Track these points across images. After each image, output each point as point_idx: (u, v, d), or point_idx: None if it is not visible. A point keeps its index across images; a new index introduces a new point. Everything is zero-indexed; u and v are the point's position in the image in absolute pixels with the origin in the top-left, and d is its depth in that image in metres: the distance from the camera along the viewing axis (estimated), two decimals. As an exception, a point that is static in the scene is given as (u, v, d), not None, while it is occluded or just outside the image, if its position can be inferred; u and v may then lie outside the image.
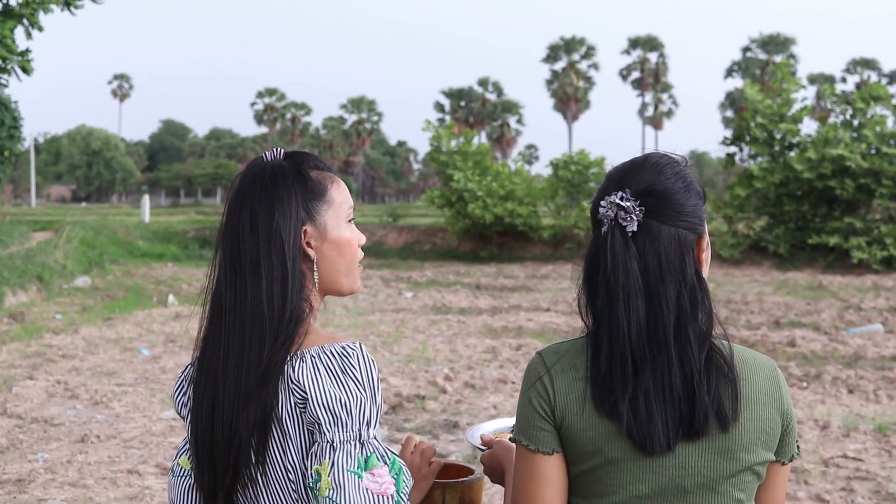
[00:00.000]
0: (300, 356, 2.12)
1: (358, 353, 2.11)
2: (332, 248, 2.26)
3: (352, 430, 2.06)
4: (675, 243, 2.15)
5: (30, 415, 10.01)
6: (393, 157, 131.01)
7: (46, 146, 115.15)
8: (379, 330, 15.76)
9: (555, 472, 2.15)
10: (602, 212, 2.16)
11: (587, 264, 2.21)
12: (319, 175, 2.28)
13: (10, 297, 20.09)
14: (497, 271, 29.49)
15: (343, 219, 2.28)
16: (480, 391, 11.08)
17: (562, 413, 2.13)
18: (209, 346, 2.22)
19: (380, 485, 2.04)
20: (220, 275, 2.22)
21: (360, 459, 2.04)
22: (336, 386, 2.06)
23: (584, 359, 2.15)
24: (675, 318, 2.11)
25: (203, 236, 38.76)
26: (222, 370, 2.15)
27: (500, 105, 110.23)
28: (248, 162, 2.35)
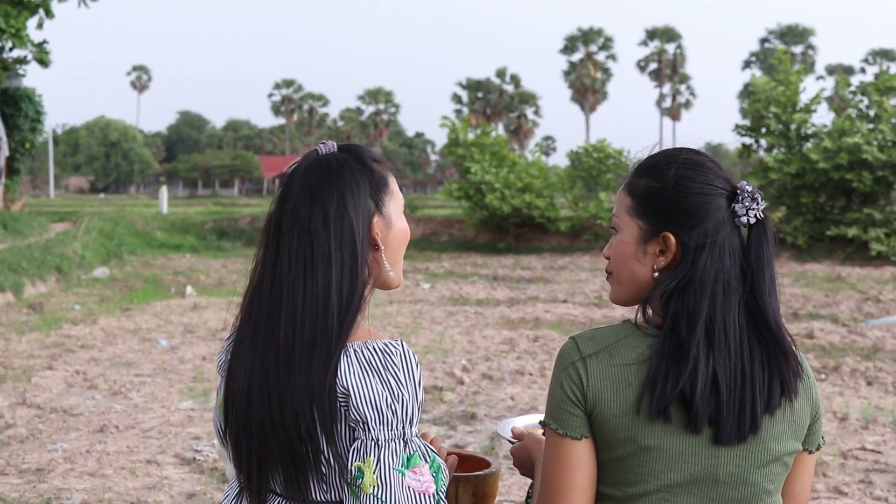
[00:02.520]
0: (344, 350, 2.14)
1: (400, 351, 2.13)
2: (395, 239, 2.29)
3: (396, 429, 2.08)
4: None
5: (49, 405, 10.05)
6: (410, 149, 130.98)
7: (65, 137, 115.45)
8: (396, 321, 15.77)
9: (583, 458, 2.15)
10: (740, 209, 2.20)
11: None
12: (378, 167, 2.31)
13: (29, 288, 20.17)
14: (514, 263, 29.45)
15: (401, 209, 2.33)
16: (498, 382, 11.08)
17: (594, 399, 2.13)
18: (258, 324, 2.21)
19: (421, 483, 2.06)
20: (288, 265, 2.20)
21: (403, 457, 2.06)
22: (380, 384, 2.08)
23: (622, 346, 2.15)
24: (758, 313, 2.18)
25: (220, 227, 38.84)
26: (277, 353, 2.15)
27: (518, 96, 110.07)
28: (303, 155, 2.36)
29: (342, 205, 2.19)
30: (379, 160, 2.33)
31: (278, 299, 2.18)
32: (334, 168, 2.24)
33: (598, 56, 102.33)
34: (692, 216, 2.19)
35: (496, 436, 8.73)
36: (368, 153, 2.32)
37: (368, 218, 2.22)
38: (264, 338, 2.19)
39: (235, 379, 2.24)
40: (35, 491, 7.25)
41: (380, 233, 2.25)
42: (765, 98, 32.01)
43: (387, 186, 2.29)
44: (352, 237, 2.18)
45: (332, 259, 2.16)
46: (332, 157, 2.28)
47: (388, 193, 2.28)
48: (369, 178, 2.25)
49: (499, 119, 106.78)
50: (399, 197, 2.33)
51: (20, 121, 35.57)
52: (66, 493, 7.20)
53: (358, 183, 2.23)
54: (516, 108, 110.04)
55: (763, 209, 2.19)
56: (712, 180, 2.22)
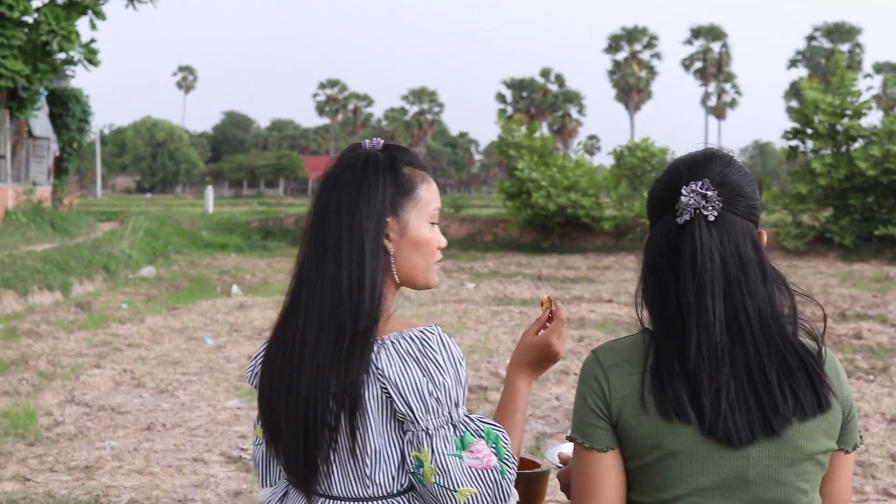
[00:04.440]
0: (381, 342, 2.15)
1: (436, 336, 2.15)
2: (409, 246, 2.29)
3: (443, 415, 2.10)
4: (748, 234, 2.16)
5: (97, 403, 10.13)
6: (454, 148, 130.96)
7: (112, 137, 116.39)
8: (441, 321, 15.76)
9: (611, 469, 2.16)
10: (685, 200, 2.15)
11: (656, 256, 2.19)
12: (412, 172, 2.31)
13: (76, 287, 20.35)
14: (559, 262, 29.36)
15: (426, 218, 2.31)
16: (542, 382, 11.05)
17: (618, 409, 2.13)
18: (288, 319, 2.26)
19: (480, 459, 2.09)
20: (307, 252, 2.27)
21: (456, 441, 2.09)
22: (420, 372, 2.10)
23: (640, 354, 2.15)
24: (757, 308, 2.10)
25: (266, 227, 38.98)
26: (299, 346, 2.19)
27: (562, 96, 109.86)
28: (347, 147, 2.39)
29: (356, 197, 2.22)
30: (416, 165, 2.33)
31: (299, 289, 2.25)
32: (361, 163, 2.27)
33: (642, 55, 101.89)
34: (649, 217, 2.28)
35: (541, 436, 8.73)
36: (406, 157, 2.33)
37: (382, 216, 2.23)
38: (288, 329, 2.24)
39: (265, 375, 2.28)
40: (83, 488, 7.31)
41: (392, 234, 2.26)
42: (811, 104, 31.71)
43: (411, 192, 2.29)
44: (360, 231, 2.20)
45: (342, 248, 2.20)
46: (366, 152, 2.30)
47: (410, 199, 2.28)
48: (393, 179, 2.26)
49: (543, 118, 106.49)
50: (426, 206, 2.31)
51: (68, 121, 35.89)
52: (114, 490, 7.26)
53: (378, 180, 2.24)
54: (560, 108, 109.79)
55: (720, 208, 2.14)
56: (662, 181, 2.27)
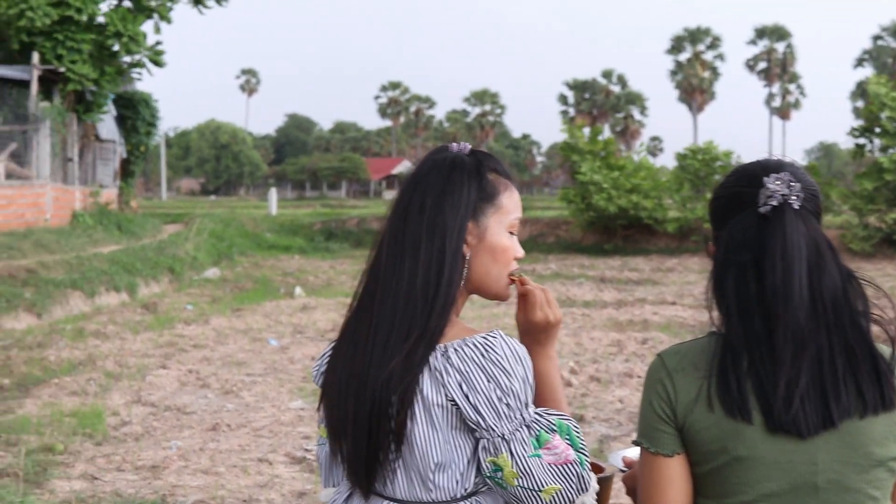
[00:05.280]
0: (443, 350, 2.14)
1: (499, 340, 2.13)
2: (486, 252, 2.27)
3: (516, 418, 2.10)
4: (821, 229, 2.15)
5: (163, 403, 10.23)
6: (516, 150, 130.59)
7: (176, 140, 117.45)
8: (504, 322, 15.73)
9: (677, 474, 2.14)
10: (772, 188, 2.13)
11: (735, 250, 2.16)
12: (496, 179, 2.31)
13: (143, 289, 20.57)
14: (622, 264, 29.23)
15: (505, 226, 2.30)
16: (606, 385, 11.00)
17: (684, 413, 2.12)
18: (358, 317, 2.26)
19: (559, 455, 2.09)
20: (383, 250, 2.26)
21: (532, 441, 2.09)
22: (487, 380, 2.09)
23: (706, 358, 2.13)
24: (832, 296, 2.09)
25: (329, 229, 39.15)
26: (370, 344, 2.19)
27: (624, 97, 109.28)
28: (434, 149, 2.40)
29: (439, 198, 2.22)
30: (500, 173, 2.33)
31: (374, 286, 2.24)
32: (446, 165, 2.27)
33: (705, 55, 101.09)
34: (715, 220, 2.27)
35: (604, 438, 8.68)
36: (492, 163, 2.33)
37: (463, 220, 2.22)
38: (360, 326, 2.24)
39: (332, 371, 2.29)
40: (150, 487, 7.38)
41: (469, 239, 2.25)
42: (878, 102, 31.31)
43: (494, 198, 2.28)
44: (442, 232, 2.20)
45: (421, 248, 2.19)
46: (452, 155, 2.31)
47: (492, 205, 2.27)
48: (477, 184, 2.26)
49: (605, 120, 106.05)
50: (507, 214, 2.30)
51: (137, 124, 36.27)
52: (180, 490, 7.32)
53: (462, 184, 2.24)
54: (623, 109, 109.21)
55: (802, 199, 2.13)
56: (732, 181, 2.26)
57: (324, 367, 2.36)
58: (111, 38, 28.75)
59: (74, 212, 27.27)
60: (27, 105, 25.55)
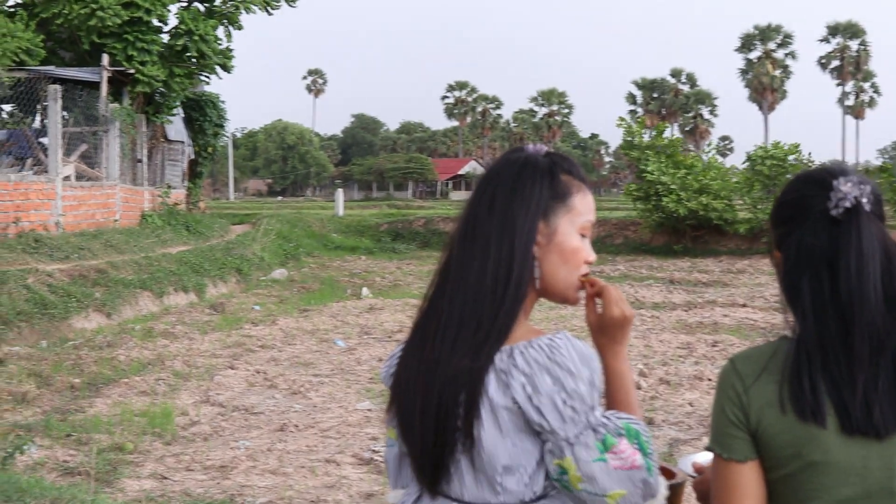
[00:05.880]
0: (509, 351, 2.11)
1: (564, 341, 2.10)
2: (556, 253, 2.24)
3: (581, 421, 2.07)
4: (888, 234, 2.14)
5: (231, 403, 10.27)
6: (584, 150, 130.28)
7: (244, 141, 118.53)
8: (571, 324, 15.64)
9: (750, 481, 2.11)
10: (845, 190, 2.10)
11: (807, 252, 2.13)
12: (569, 180, 2.28)
13: (211, 289, 20.72)
14: (691, 266, 28.99)
15: (576, 228, 2.26)
16: (676, 387, 10.89)
17: (756, 418, 2.09)
18: (428, 315, 2.25)
19: (625, 460, 2.06)
20: (454, 248, 2.25)
21: (598, 445, 2.06)
22: (552, 382, 2.06)
23: (778, 361, 2.11)
24: None
25: (395, 229, 39.25)
26: (438, 342, 2.18)
27: (694, 96, 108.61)
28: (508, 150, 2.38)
29: (510, 197, 2.21)
30: (574, 175, 2.30)
31: (444, 285, 2.23)
32: (519, 164, 2.26)
33: (776, 54, 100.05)
34: (779, 226, 2.23)
35: (674, 442, 8.58)
36: (566, 164, 2.30)
37: (534, 219, 2.20)
38: (429, 325, 2.22)
39: (402, 370, 2.27)
40: (219, 487, 7.40)
41: (540, 239, 2.22)
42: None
43: (565, 199, 2.25)
44: (512, 230, 2.18)
45: (490, 246, 2.18)
46: (526, 154, 2.29)
47: (564, 206, 2.24)
48: (549, 184, 2.23)
49: (674, 119, 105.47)
50: (579, 215, 2.26)
51: (205, 126, 36.61)
52: (248, 490, 7.33)
53: (534, 183, 2.22)
54: (692, 108, 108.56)
55: (872, 201, 2.12)
56: (797, 186, 2.22)
57: (393, 367, 2.34)
58: (182, 37, 29.00)
59: (143, 212, 27.54)
60: (97, 106, 25.82)
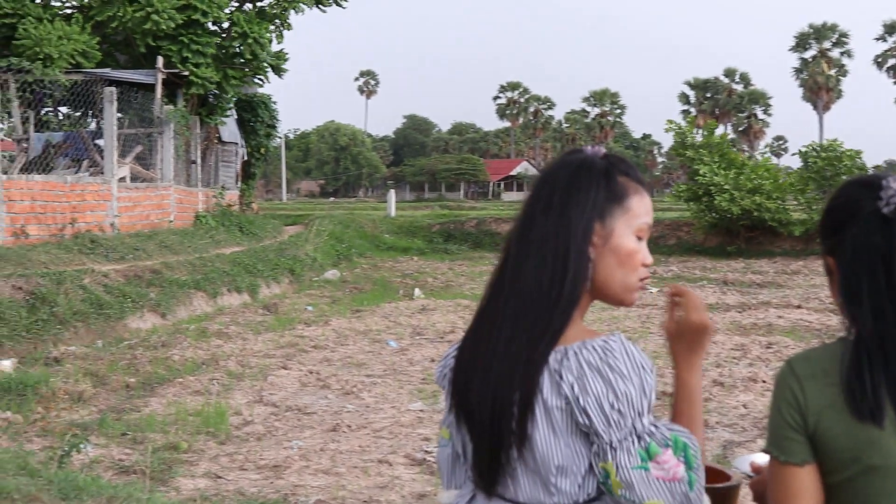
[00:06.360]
0: (563, 352, 2.11)
1: (619, 345, 2.09)
2: (611, 255, 2.23)
3: (626, 427, 2.06)
4: None
5: (284, 403, 10.32)
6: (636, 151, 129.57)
7: (296, 142, 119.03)
8: (624, 325, 15.59)
9: (807, 484, 2.08)
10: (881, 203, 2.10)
11: (862, 251, 2.12)
12: (626, 181, 2.27)
13: (264, 289, 20.84)
14: (745, 267, 28.75)
15: (633, 230, 2.26)
16: (730, 389, 10.81)
17: (814, 421, 2.06)
18: (484, 315, 2.25)
19: (667, 471, 2.04)
20: (511, 248, 2.25)
21: (641, 453, 2.04)
22: (602, 384, 2.05)
23: (836, 363, 2.08)
24: None
25: (447, 230, 39.23)
26: (493, 342, 2.18)
27: (747, 96, 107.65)
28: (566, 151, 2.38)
29: (567, 198, 2.20)
30: (631, 177, 2.29)
31: (500, 284, 2.23)
32: (576, 165, 2.25)
33: (831, 53, 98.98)
34: (830, 231, 2.22)
35: (728, 444, 8.52)
36: (623, 166, 2.29)
37: (590, 220, 2.19)
38: (484, 324, 2.23)
39: (457, 369, 2.27)
40: (272, 487, 7.44)
41: (596, 240, 2.21)
42: None
43: (622, 201, 2.24)
44: (567, 231, 2.17)
45: (546, 247, 2.17)
46: (583, 156, 2.28)
47: (620, 207, 2.23)
48: (606, 185, 2.23)
49: (727, 119, 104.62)
50: (636, 217, 2.26)
51: (257, 127, 36.79)
52: (301, 489, 7.36)
53: (591, 184, 2.22)
54: (746, 108, 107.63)
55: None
56: (846, 191, 2.21)
57: (447, 368, 2.34)
58: (236, 40, 29.19)
59: (197, 213, 27.73)
60: (152, 108, 26.04)
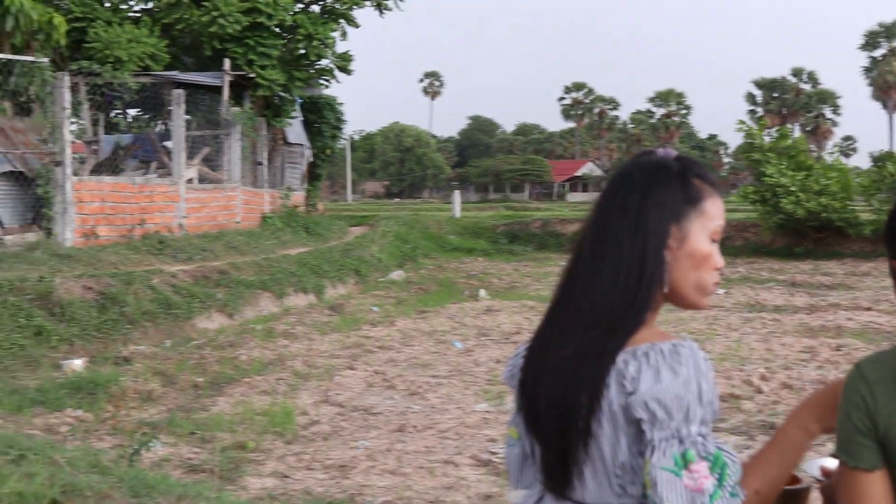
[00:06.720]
0: (631, 353, 2.10)
1: (687, 349, 2.07)
2: (687, 258, 2.21)
3: (669, 429, 2.03)
4: None
5: (350, 403, 10.36)
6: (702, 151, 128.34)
7: (361, 143, 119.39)
8: (690, 327, 15.48)
9: (878, 490, 2.04)
10: None
11: None
12: (700, 184, 2.25)
13: (329, 290, 20.95)
14: (813, 268, 28.42)
15: (708, 233, 2.24)
16: (798, 392, 10.68)
17: (885, 426, 2.02)
18: (555, 315, 2.25)
19: (695, 481, 2.00)
20: (582, 249, 2.24)
21: (676, 457, 2.01)
22: (658, 382, 2.04)
23: None
24: None
25: (512, 231, 39.17)
26: (564, 341, 2.18)
27: (815, 95, 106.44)
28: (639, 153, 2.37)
29: (643, 199, 2.19)
30: (705, 179, 2.27)
31: (572, 285, 2.22)
32: (652, 166, 2.24)
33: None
34: (893, 235, 2.27)
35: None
36: (698, 169, 2.28)
37: (667, 223, 2.18)
38: (555, 324, 2.23)
39: (527, 369, 2.27)
40: (339, 486, 7.47)
41: (671, 243, 2.19)
42: None
43: (697, 203, 2.22)
44: (644, 232, 2.16)
45: (621, 248, 2.16)
46: (658, 158, 2.27)
47: (696, 210, 2.21)
48: (682, 188, 2.21)
49: (795, 119, 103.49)
50: (711, 220, 2.23)
51: (323, 128, 37.00)
52: (368, 489, 7.38)
53: (667, 186, 2.20)
54: (814, 108, 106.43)
55: None
56: None
57: (516, 368, 2.34)
58: (301, 42, 29.38)
59: (263, 214, 27.95)
60: (219, 110, 26.30)
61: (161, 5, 28.30)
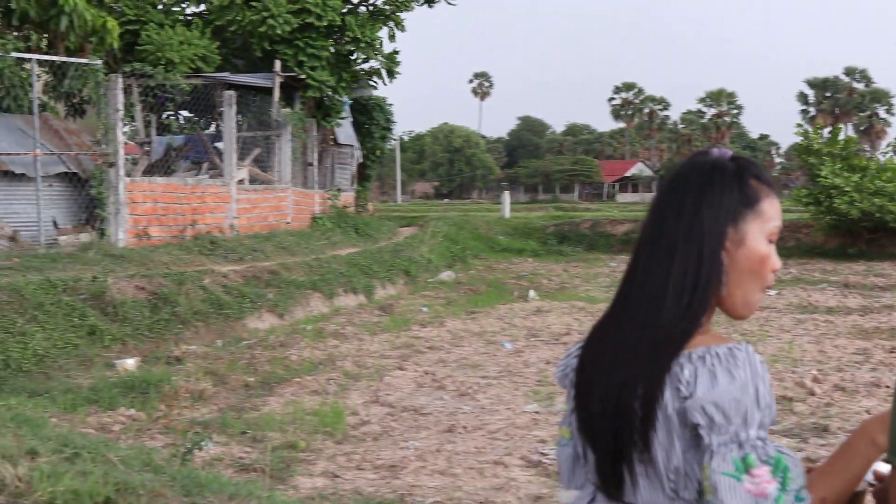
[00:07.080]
0: (687, 356, 2.09)
1: (743, 353, 2.06)
2: (745, 260, 2.19)
3: (728, 433, 2.02)
4: None
5: (400, 404, 10.37)
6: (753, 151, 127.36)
7: (411, 144, 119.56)
8: (742, 328, 15.36)
9: None
10: None
11: None
12: (757, 185, 2.23)
13: (379, 290, 20.99)
14: (867, 269, 28.12)
15: (765, 234, 2.21)
16: (851, 394, 10.58)
17: None
18: (611, 316, 2.25)
19: (757, 485, 1.99)
20: (639, 251, 2.23)
21: (736, 462, 2.00)
22: (714, 386, 2.03)
23: None
24: None
25: (561, 231, 39.05)
26: (619, 345, 2.17)
27: (869, 95, 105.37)
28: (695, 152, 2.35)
29: (699, 201, 2.17)
30: (762, 180, 2.24)
31: (628, 288, 2.22)
32: (708, 167, 2.22)
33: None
34: None
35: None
36: (754, 169, 2.25)
37: (724, 225, 2.16)
38: (611, 327, 2.22)
39: (581, 371, 2.27)
40: (389, 487, 7.49)
41: (728, 245, 2.17)
42: None
43: (754, 204, 2.20)
44: (700, 234, 2.14)
45: (677, 251, 2.15)
46: (714, 158, 2.25)
47: (753, 211, 2.19)
48: (738, 188, 2.19)
49: (848, 119, 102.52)
50: (768, 221, 2.21)
51: (372, 129, 37.12)
52: (418, 490, 7.39)
53: (724, 187, 2.18)
54: (867, 108, 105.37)
55: None
56: None
57: (569, 368, 2.34)
58: (349, 43, 29.49)
59: (314, 215, 28.06)
60: (270, 111, 26.44)
61: (213, 7, 28.51)
